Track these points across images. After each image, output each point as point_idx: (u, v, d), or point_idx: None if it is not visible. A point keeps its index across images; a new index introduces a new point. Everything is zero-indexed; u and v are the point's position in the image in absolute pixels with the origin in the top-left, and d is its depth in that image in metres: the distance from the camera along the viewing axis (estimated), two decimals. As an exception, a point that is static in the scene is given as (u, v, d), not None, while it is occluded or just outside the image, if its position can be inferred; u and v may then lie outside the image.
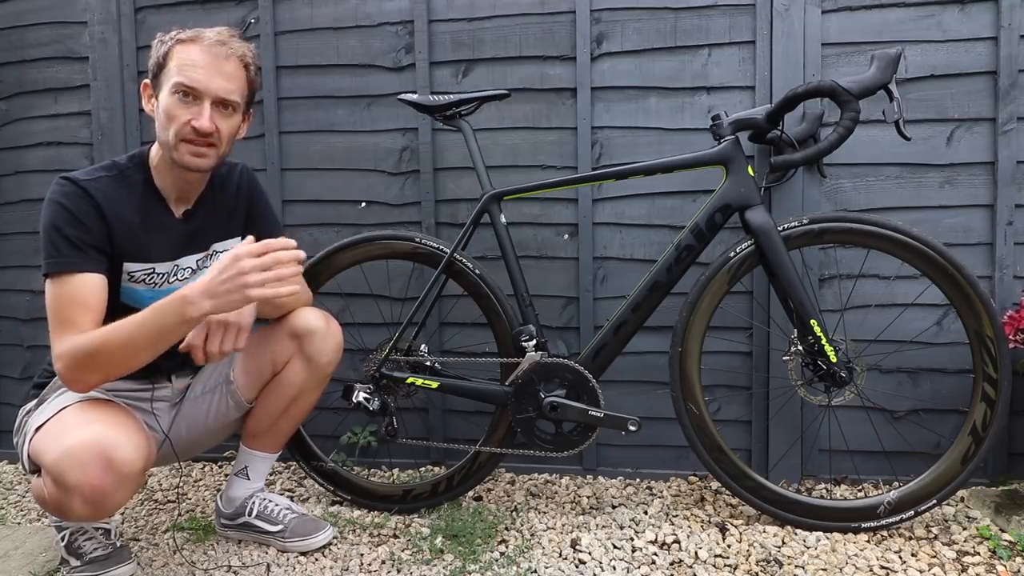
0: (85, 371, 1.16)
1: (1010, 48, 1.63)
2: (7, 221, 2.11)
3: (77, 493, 1.10)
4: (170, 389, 1.45)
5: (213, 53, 1.24)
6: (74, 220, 1.21)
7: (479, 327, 1.82)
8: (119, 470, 1.11)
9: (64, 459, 1.10)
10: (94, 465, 1.09)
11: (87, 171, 1.28)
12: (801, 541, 1.44)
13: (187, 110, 1.23)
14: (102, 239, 1.24)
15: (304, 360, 1.42)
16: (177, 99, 1.23)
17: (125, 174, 1.30)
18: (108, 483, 1.10)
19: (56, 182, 1.24)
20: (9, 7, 2.08)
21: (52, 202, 1.22)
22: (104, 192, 1.25)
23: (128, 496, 1.16)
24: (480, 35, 1.85)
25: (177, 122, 1.23)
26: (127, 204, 1.28)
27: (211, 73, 1.24)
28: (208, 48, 1.24)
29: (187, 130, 1.23)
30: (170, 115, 1.23)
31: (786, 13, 1.70)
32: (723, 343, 1.78)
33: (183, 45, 1.24)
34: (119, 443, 1.12)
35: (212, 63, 1.24)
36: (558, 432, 1.54)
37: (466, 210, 1.88)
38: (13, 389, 2.14)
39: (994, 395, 1.40)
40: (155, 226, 1.32)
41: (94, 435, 1.12)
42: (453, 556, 1.42)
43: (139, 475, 1.16)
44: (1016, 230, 1.66)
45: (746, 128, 1.49)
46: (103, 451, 1.10)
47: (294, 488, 1.82)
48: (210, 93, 1.24)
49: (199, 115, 1.23)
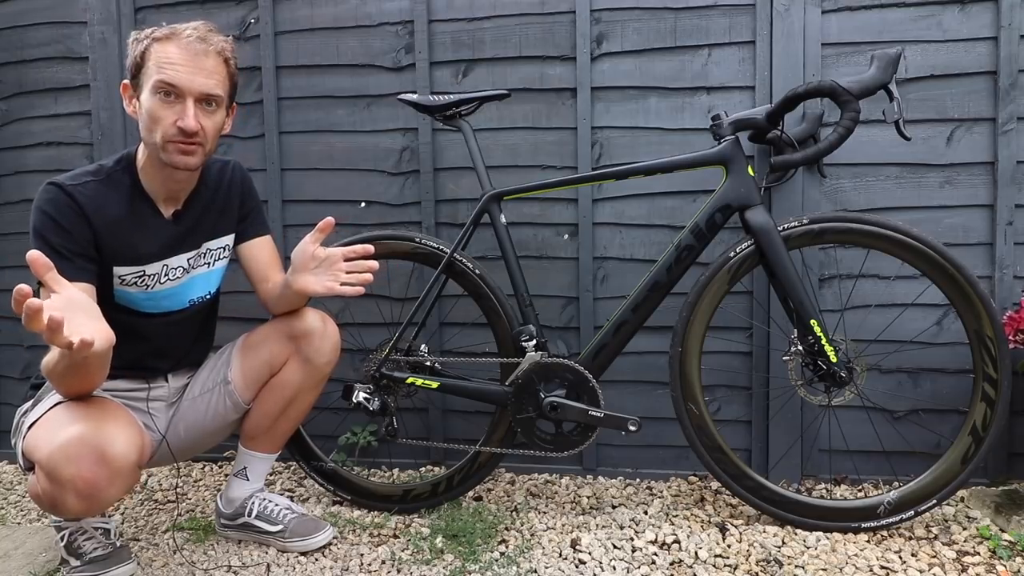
0: (62, 382, 1.15)
1: (1010, 48, 1.63)
2: (7, 221, 2.11)
3: (70, 487, 1.09)
4: (166, 389, 1.45)
5: (192, 50, 1.22)
6: (59, 228, 1.20)
7: (479, 327, 1.82)
8: (112, 464, 1.11)
9: (57, 454, 1.09)
10: (87, 459, 1.09)
11: (73, 175, 1.26)
12: (801, 541, 1.44)
13: (171, 110, 1.22)
14: (88, 246, 1.23)
15: (302, 360, 1.43)
16: (159, 99, 1.21)
17: (112, 177, 1.29)
18: (101, 477, 1.10)
19: (43, 188, 1.23)
20: (9, 7, 2.08)
21: (38, 209, 1.21)
22: (90, 196, 1.24)
23: (123, 491, 1.16)
24: (480, 35, 1.85)
25: (163, 124, 1.22)
26: (114, 207, 1.27)
27: (192, 70, 1.22)
28: (187, 45, 1.22)
29: (173, 131, 1.22)
30: (154, 117, 1.22)
31: (786, 13, 1.70)
32: (723, 343, 1.78)
33: (160, 43, 1.22)
34: (112, 437, 1.12)
35: (192, 60, 1.22)
36: (558, 432, 1.54)
37: (466, 210, 1.88)
38: (13, 389, 2.14)
39: (994, 395, 1.40)
40: (143, 228, 1.31)
41: (86, 430, 1.11)
42: (453, 556, 1.42)
43: (133, 469, 1.16)
44: (1016, 230, 1.66)
45: (746, 128, 1.49)
46: (96, 445, 1.10)
47: (294, 488, 1.82)
48: (192, 91, 1.22)
49: (184, 115, 1.22)
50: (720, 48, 1.76)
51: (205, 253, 1.42)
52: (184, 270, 1.38)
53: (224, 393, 1.44)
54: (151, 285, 1.33)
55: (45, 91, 2.07)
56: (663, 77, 1.79)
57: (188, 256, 1.38)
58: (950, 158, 1.68)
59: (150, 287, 1.33)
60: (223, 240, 1.45)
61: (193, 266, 1.39)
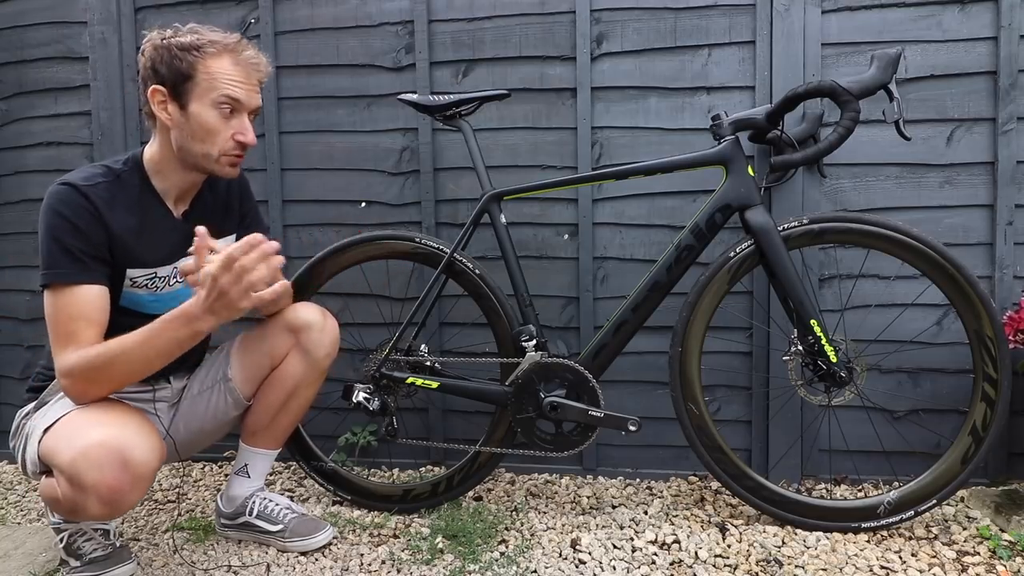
0: (94, 385, 1.17)
1: (1010, 48, 1.63)
2: (7, 221, 2.11)
3: (94, 493, 1.09)
4: (170, 390, 1.45)
5: (249, 67, 1.28)
6: (75, 230, 1.19)
7: (479, 327, 1.82)
8: (135, 470, 1.11)
9: (80, 459, 1.09)
10: (111, 465, 1.09)
11: (84, 175, 1.25)
12: (801, 541, 1.44)
13: (228, 124, 1.27)
14: (102, 248, 1.23)
15: (301, 353, 1.43)
16: (220, 113, 1.26)
17: (122, 178, 1.29)
18: (125, 483, 1.10)
19: (55, 188, 1.22)
20: (9, 7, 2.08)
21: (51, 209, 1.20)
22: (103, 198, 1.24)
23: (141, 495, 1.16)
24: (480, 35, 1.85)
25: (221, 136, 1.27)
26: (126, 209, 1.27)
27: (250, 87, 1.29)
28: (244, 62, 1.28)
29: (230, 144, 1.28)
30: (212, 129, 1.26)
31: (786, 13, 1.70)
32: (723, 343, 1.78)
33: (214, 58, 1.25)
34: (134, 443, 1.13)
35: (248, 77, 1.28)
36: (558, 432, 1.54)
37: (466, 210, 1.88)
38: (13, 389, 2.14)
39: (994, 395, 1.40)
40: (156, 229, 1.32)
41: (109, 435, 1.11)
42: (453, 556, 1.42)
43: (153, 475, 1.16)
44: (1016, 230, 1.66)
45: (746, 128, 1.49)
46: (120, 451, 1.10)
47: (294, 488, 1.82)
48: (250, 106, 1.29)
49: (244, 130, 1.29)
50: (720, 48, 1.76)
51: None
52: None
53: (224, 390, 1.45)
54: (160, 287, 1.33)
55: (45, 91, 2.07)
56: (663, 77, 1.78)
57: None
58: (950, 158, 1.68)
59: (159, 289, 1.33)
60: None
61: None
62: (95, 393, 1.19)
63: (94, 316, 1.19)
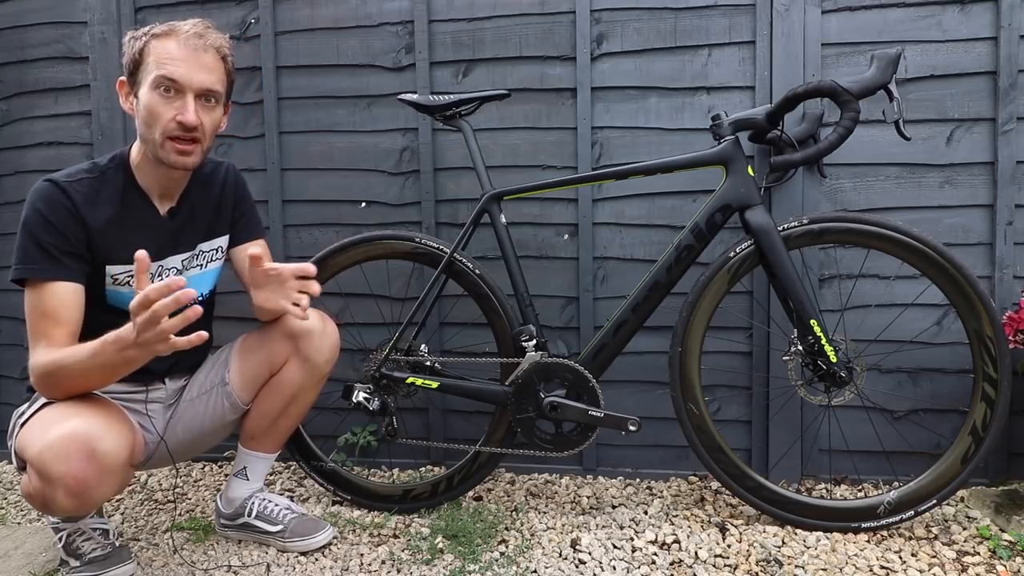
0: (50, 388, 1.18)
1: (1010, 48, 1.63)
2: (7, 221, 2.11)
3: (60, 485, 1.09)
4: (164, 391, 1.44)
5: (191, 46, 1.23)
6: (50, 226, 1.20)
7: (479, 327, 1.82)
8: (102, 461, 1.11)
9: (47, 451, 1.09)
10: (77, 457, 1.09)
11: (68, 172, 1.27)
12: (801, 541, 1.44)
13: (170, 105, 1.22)
14: (79, 245, 1.23)
15: (301, 360, 1.42)
16: (159, 94, 1.22)
17: (107, 175, 1.29)
18: (91, 474, 1.10)
19: (38, 184, 1.23)
20: (9, 7, 2.08)
21: (31, 205, 1.22)
22: (83, 194, 1.24)
23: (114, 489, 1.16)
24: (480, 35, 1.85)
25: (162, 119, 1.22)
26: (108, 205, 1.27)
27: (192, 66, 1.23)
28: (185, 41, 1.23)
29: (172, 126, 1.23)
30: (153, 112, 1.22)
31: (786, 13, 1.70)
32: (723, 343, 1.78)
33: (159, 39, 1.23)
34: (101, 434, 1.12)
35: (191, 56, 1.23)
36: (558, 432, 1.54)
37: (466, 210, 1.88)
38: (13, 389, 2.14)
39: (994, 395, 1.40)
40: (139, 225, 1.31)
41: (77, 427, 1.11)
42: (453, 556, 1.42)
43: (124, 467, 1.15)
44: (1016, 230, 1.66)
45: (746, 128, 1.49)
46: (86, 443, 1.10)
47: (294, 488, 1.82)
48: (192, 86, 1.23)
49: (184, 109, 1.22)
50: (720, 48, 1.76)
51: (199, 255, 1.41)
52: (178, 271, 1.38)
53: (222, 394, 1.44)
54: None
55: (45, 91, 2.07)
56: (663, 77, 1.79)
57: (182, 257, 1.38)
58: (950, 158, 1.68)
59: None
60: (217, 242, 1.45)
61: (187, 267, 1.40)
62: (56, 395, 1.20)
63: (62, 316, 1.19)
